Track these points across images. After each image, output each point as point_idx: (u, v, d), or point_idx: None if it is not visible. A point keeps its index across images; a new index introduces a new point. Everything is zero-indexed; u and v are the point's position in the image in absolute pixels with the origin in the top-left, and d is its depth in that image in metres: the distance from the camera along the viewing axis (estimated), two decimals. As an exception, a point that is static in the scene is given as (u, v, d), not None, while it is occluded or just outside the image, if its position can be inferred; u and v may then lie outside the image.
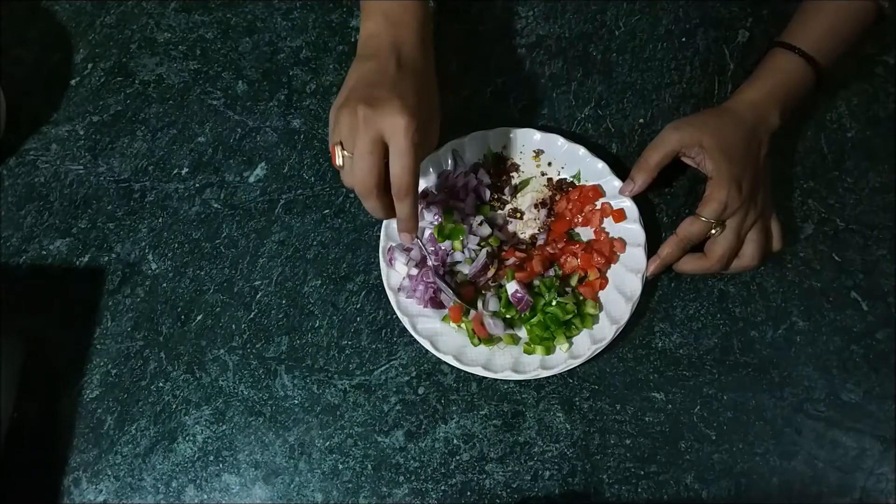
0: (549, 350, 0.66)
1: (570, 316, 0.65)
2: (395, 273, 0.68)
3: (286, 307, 0.71)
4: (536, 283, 0.67)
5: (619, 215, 0.69)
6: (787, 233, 0.68)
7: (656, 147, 0.66)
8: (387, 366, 0.69)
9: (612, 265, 0.69)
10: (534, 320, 0.66)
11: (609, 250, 0.68)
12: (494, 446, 0.66)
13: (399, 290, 0.68)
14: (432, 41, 0.64)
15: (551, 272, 0.68)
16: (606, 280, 0.68)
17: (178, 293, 0.72)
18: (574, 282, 0.68)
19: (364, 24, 0.62)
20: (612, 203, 0.70)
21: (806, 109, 0.73)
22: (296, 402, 0.68)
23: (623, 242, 0.69)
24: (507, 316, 0.67)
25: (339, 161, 0.57)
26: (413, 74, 0.59)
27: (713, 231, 0.64)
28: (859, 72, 0.77)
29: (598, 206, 0.70)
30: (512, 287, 0.65)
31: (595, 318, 0.67)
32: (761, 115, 0.66)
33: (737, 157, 0.64)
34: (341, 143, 0.56)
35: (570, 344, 0.66)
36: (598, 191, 0.70)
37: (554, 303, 0.66)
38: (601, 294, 0.68)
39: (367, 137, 0.55)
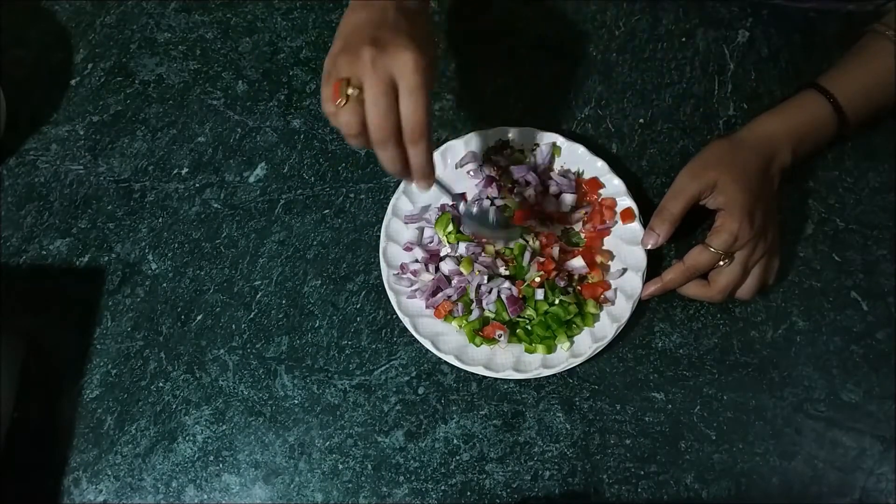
0: (551, 349, 0.66)
1: (571, 316, 0.65)
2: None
3: (286, 307, 0.71)
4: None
5: (628, 214, 0.69)
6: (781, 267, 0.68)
7: (676, 196, 0.65)
8: (387, 366, 0.69)
9: (612, 264, 0.69)
10: (535, 321, 0.66)
11: (600, 220, 0.69)
12: (494, 446, 0.66)
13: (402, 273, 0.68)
14: None
15: (560, 281, 0.67)
16: (608, 284, 0.68)
17: (178, 293, 0.72)
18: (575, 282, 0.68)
19: None
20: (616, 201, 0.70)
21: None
22: (296, 402, 0.68)
23: (613, 209, 0.70)
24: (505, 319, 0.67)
25: (341, 99, 0.52)
26: (413, 16, 0.56)
27: (721, 263, 0.64)
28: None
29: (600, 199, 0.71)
30: (505, 292, 0.66)
31: (596, 317, 0.67)
32: (775, 150, 0.65)
33: (750, 190, 0.63)
34: (347, 80, 0.52)
35: (572, 343, 0.66)
36: (598, 182, 0.71)
37: (557, 302, 0.66)
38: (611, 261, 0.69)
39: (377, 79, 0.51)
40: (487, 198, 0.70)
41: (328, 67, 0.55)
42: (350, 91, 0.52)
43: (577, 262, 0.68)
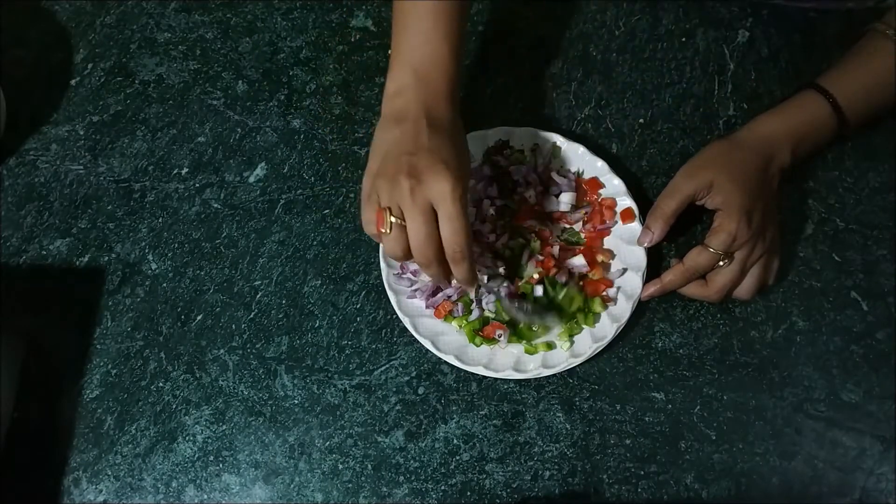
0: (551, 346, 0.66)
1: (576, 307, 0.65)
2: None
3: (286, 307, 0.71)
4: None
5: (628, 214, 0.69)
6: (782, 267, 0.68)
7: (671, 195, 0.65)
8: (387, 366, 0.69)
9: (612, 263, 0.69)
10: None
11: (601, 219, 0.69)
12: (494, 446, 0.66)
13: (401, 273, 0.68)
14: (459, 94, 0.62)
15: (562, 277, 0.67)
16: (611, 282, 0.68)
17: (178, 293, 0.72)
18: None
19: (391, 77, 0.60)
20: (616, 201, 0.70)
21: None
22: (296, 402, 0.68)
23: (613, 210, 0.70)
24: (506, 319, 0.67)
25: (385, 229, 0.55)
26: (447, 135, 0.57)
27: (720, 263, 0.64)
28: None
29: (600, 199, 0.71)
30: (504, 290, 0.66)
31: (596, 317, 0.67)
32: (774, 150, 0.65)
33: (748, 189, 0.63)
34: (389, 210, 0.55)
35: (572, 343, 0.66)
36: (598, 182, 0.71)
37: (561, 295, 0.66)
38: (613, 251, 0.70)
39: (417, 209, 0.54)
40: (487, 197, 0.70)
41: (367, 189, 0.58)
42: (393, 220, 0.55)
43: (578, 261, 0.68)
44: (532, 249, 0.68)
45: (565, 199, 0.70)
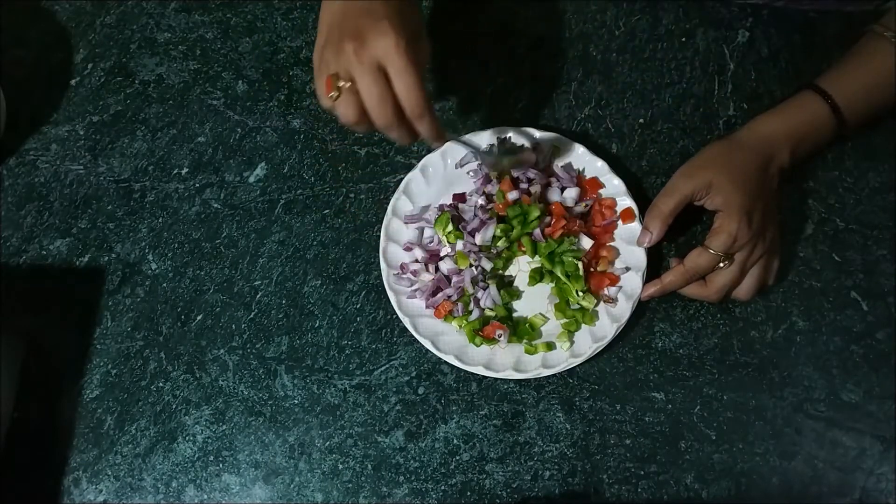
0: (551, 346, 0.66)
1: (576, 271, 0.66)
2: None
3: (286, 307, 0.71)
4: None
5: (628, 214, 0.69)
6: (782, 267, 0.68)
7: (669, 194, 0.65)
8: (387, 366, 0.69)
9: (616, 265, 0.69)
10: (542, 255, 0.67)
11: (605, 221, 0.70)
12: (494, 446, 0.66)
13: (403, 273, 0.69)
14: None
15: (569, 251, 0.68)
16: (616, 278, 0.68)
17: (178, 293, 0.72)
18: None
19: None
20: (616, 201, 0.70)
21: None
22: (296, 402, 0.68)
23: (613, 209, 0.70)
24: (508, 304, 0.67)
25: (333, 93, 0.54)
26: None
27: (721, 264, 0.64)
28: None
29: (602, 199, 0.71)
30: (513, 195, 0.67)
31: (595, 315, 0.67)
32: (773, 151, 0.64)
33: (748, 190, 0.63)
34: (336, 75, 0.54)
35: (572, 343, 0.66)
36: (598, 182, 0.71)
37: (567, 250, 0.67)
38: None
39: (365, 68, 0.52)
40: (483, 192, 0.70)
41: (316, 61, 0.56)
42: (341, 84, 0.53)
43: (584, 243, 0.68)
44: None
45: (570, 195, 0.70)
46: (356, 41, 0.52)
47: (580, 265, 0.66)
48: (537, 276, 0.68)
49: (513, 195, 0.68)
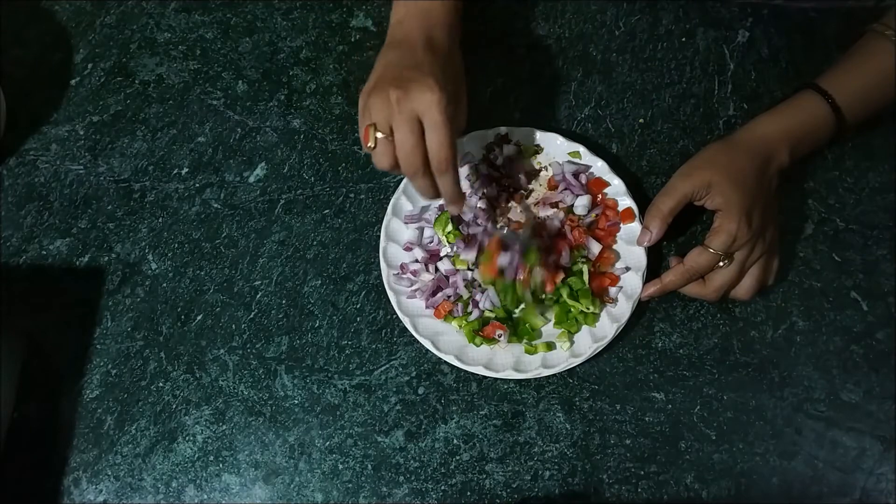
0: (551, 346, 0.66)
1: (583, 287, 0.66)
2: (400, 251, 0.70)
3: (286, 307, 0.71)
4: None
5: (628, 214, 0.69)
6: (781, 267, 0.68)
7: (668, 194, 0.65)
8: (387, 366, 0.69)
9: (616, 265, 0.69)
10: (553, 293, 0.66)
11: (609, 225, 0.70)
12: (494, 446, 0.66)
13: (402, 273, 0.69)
14: (460, 29, 0.66)
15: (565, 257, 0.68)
16: (616, 279, 0.68)
17: (178, 293, 0.72)
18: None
19: (395, 11, 0.64)
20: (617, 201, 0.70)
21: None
22: (296, 402, 0.68)
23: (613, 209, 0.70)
24: (510, 305, 0.66)
25: (370, 143, 0.58)
26: (440, 55, 0.61)
27: (721, 264, 0.64)
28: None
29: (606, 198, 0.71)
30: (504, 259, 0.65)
31: (596, 316, 0.67)
32: (773, 151, 0.64)
33: (747, 190, 0.63)
34: (374, 126, 0.57)
35: (572, 343, 0.66)
36: (603, 181, 0.71)
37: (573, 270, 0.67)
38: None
39: (403, 118, 0.56)
40: (482, 194, 0.70)
41: (361, 105, 0.60)
42: (379, 135, 0.57)
43: (594, 246, 0.68)
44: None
45: (581, 203, 0.70)
46: (400, 90, 0.56)
47: (586, 279, 0.66)
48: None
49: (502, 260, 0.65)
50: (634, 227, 0.69)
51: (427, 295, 0.67)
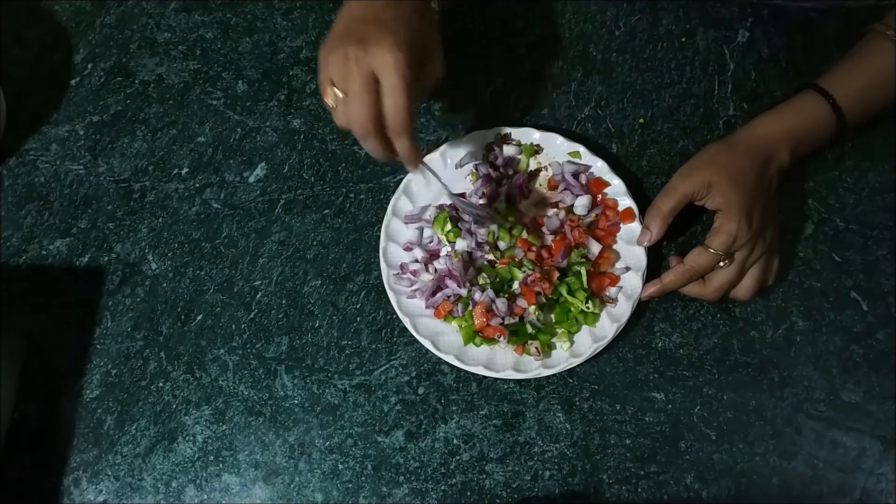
0: (551, 347, 0.66)
1: (582, 289, 0.66)
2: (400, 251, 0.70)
3: (286, 307, 0.71)
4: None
5: (628, 214, 0.69)
6: (781, 267, 0.68)
7: (668, 194, 0.65)
8: (387, 366, 0.69)
9: (616, 265, 0.69)
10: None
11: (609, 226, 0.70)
12: (494, 446, 0.66)
13: (402, 273, 0.69)
14: None
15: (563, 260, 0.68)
16: (616, 278, 0.68)
17: (178, 293, 0.72)
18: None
19: None
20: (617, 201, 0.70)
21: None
22: (296, 402, 0.68)
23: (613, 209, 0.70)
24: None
25: (330, 100, 0.56)
26: (406, 9, 0.57)
27: (721, 264, 0.64)
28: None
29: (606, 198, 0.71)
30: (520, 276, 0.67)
31: (596, 317, 0.67)
32: (773, 151, 0.64)
33: (747, 190, 0.63)
34: (332, 82, 0.55)
35: (572, 343, 0.66)
36: (603, 181, 0.71)
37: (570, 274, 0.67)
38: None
39: (358, 77, 0.54)
40: (482, 194, 0.70)
41: (320, 60, 0.57)
42: (337, 93, 0.55)
43: (593, 246, 0.68)
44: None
45: (581, 203, 0.70)
46: (359, 48, 0.53)
47: (584, 279, 0.66)
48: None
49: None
50: (634, 227, 0.69)
51: (427, 295, 0.67)
